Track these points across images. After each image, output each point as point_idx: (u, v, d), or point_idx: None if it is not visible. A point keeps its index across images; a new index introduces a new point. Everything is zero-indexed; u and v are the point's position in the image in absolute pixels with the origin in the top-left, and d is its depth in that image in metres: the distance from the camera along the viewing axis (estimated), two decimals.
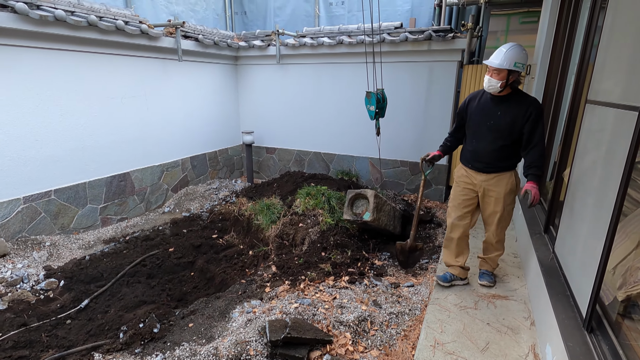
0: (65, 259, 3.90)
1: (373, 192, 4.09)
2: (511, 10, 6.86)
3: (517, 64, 2.57)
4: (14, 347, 2.73)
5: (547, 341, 2.26)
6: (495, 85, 2.64)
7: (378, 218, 4.01)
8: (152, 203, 5.38)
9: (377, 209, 4.02)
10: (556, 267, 2.64)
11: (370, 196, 4.05)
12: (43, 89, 3.87)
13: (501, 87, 2.64)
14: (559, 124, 3.81)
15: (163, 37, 4.96)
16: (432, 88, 5.34)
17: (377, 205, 4.03)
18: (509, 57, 2.57)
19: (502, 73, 2.61)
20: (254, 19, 7.73)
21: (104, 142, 4.56)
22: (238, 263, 4.09)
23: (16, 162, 3.73)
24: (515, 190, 2.88)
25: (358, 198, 4.23)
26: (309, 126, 6.40)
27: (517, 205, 4.19)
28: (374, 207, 3.97)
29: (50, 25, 3.67)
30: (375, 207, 3.99)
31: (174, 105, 5.51)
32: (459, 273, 3.10)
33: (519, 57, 2.59)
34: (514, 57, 2.57)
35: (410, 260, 3.54)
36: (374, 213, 3.96)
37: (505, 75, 2.60)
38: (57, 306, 3.31)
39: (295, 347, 2.34)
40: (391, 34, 5.29)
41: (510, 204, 2.89)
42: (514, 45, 2.62)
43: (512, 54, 2.58)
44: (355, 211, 4.16)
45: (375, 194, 4.08)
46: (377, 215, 3.99)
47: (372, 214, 3.94)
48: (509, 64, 2.56)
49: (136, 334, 2.72)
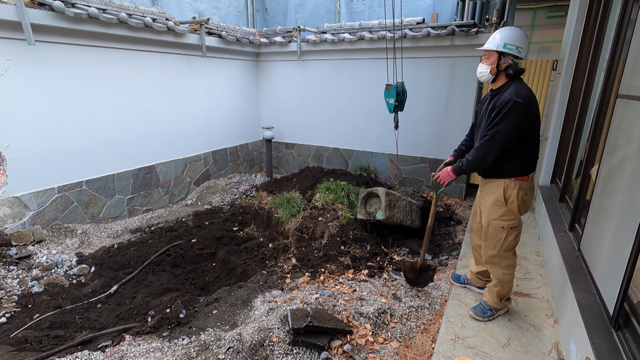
0: (95, 247, 4.08)
1: (385, 190, 4.04)
2: (537, 4, 6.69)
3: (507, 45, 2.27)
4: (50, 327, 2.89)
5: (571, 338, 2.23)
6: (485, 72, 2.37)
7: (392, 215, 3.97)
8: (175, 195, 5.54)
9: (390, 207, 3.97)
10: (582, 265, 2.60)
11: (382, 194, 4.00)
12: (75, 84, 4.05)
13: (491, 73, 2.34)
14: (587, 121, 3.72)
15: (188, 34, 5.08)
16: (453, 84, 5.28)
17: (390, 202, 3.99)
18: (498, 37, 2.30)
19: (491, 57, 2.33)
20: (275, 15, 7.81)
21: (132, 135, 4.73)
22: (258, 255, 4.17)
23: (51, 153, 3.92)
24: (504, 203, 2.42)
25: (371, 196, 4.21)
26: (329, 122, 6.44)
27: (541, 209, 4.11)
28: (386, 205, 3.94)
29: (84, 23, 3.83)
30: (387, 205, 3.95)
31: (197, 101, 5.64)
32: (472, 279, 2.99)
33: (511, 38, 2.27)
34: (504, 38, 2.28)
35: (421, 279, 3.09)
36: (387, 211, 3.92)
37: (496, 60, 2.31)
38: (88, 291, 3.48)
39: (316, 336, 2.40)
40: (413, 29, 5.25)
41: (496, 219, 2.45)
42: (509, 27, 2.36)
43: (503, 34, 2.29)
44: (369, 210, 4.15)
45: (387, 192, 4.03)
46: (390, 213, 3.94)
47: (384, 213, 3.91)
48: (498, 45, 2.29)
49: (163, 318, 2.84)
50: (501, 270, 2.53)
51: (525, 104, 2.22)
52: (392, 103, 4.52)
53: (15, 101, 3.56)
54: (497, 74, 2.36)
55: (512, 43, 2.28)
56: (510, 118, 2.23)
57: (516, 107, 2.21)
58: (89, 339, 2.67)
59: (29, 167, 3.74)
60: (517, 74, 2.35)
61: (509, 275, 2.53)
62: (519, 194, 2.40)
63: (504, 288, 2.57)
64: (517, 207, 2.42)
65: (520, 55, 2.29)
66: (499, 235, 2.46)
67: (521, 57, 2.30)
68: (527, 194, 2.44)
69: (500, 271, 2.53)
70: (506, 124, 2.24)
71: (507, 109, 2.23)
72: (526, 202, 2.47)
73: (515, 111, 2.22)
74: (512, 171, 2.39)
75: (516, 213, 2.44)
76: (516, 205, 2.42)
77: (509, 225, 2.43)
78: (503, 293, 2.59)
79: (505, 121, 2.25)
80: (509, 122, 2.24)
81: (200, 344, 2.43)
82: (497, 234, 2.47)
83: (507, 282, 2.54)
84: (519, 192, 2.40)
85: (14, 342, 2.66)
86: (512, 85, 2.31)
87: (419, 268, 3.04)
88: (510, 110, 2.22)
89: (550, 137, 4.65)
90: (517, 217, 2.44)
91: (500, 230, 2.45)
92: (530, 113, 2.25)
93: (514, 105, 2.21)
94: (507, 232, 2.44)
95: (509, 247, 2.48)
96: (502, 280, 2.54)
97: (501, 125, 2.26)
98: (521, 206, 2.45)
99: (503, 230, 2.44)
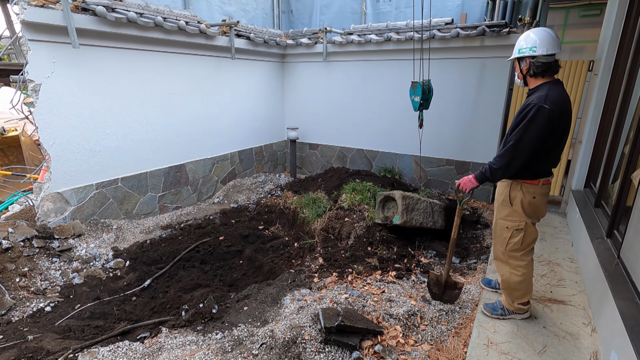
0: (129, 242, 4.25)
1: (401, 194, 3.97)
2: (571, 3, 6.48)
3: (521, 50, 2.31)
4: (90, 317, 3.04)
5: (612, 348, 2.17)
6: (518, 81, 2.48)
7: (410, 219, 3.90)
8: (203, 194, 5.68)
9: (408, 210, 3.91)
10: (622, 272, 2.52)
11: (399, 198, 3.94)
12: (113, 85, 4.22)
13: (519, 78, 2.44)
14: (625, 123, 3.59)
15: (218, 36, 5.21)
16: (482, 85, 5.19)
17: (408, 206, 3.92)
18: (515, 48, 2.39)
19: (516, 66, 2.43)
20: (300, 17, 7.88)
21: (164, 135, 4.90)
22: (284, 254, 4.23)
23: (91, 152, 4.11)
24: (509, 204, 2.42)
25: (388, 200, 4.17)
26: (353, 123, 6.45)
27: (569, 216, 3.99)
28: (403, 210, 3.88)
29: (123, 27, 3.99)
30: (404, 209, 3.89)
31: (225, 101, 5.77)
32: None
33: (523, 41, 2.31)
34: (517, 45, 2.36)
35: (446, 296, 2.92)
36: (404, 215, 3.86)
37: (518, 67, 2.39)
38: (123, 284, 3.62)
39: (348, 335, 2.42)
40: (441, 30, 5.20)
41: (502, 218, 2.48)
42: (523, 33, 2.38)
43: (516, 43, 2.37)
44: (386, 214, 4.12)
45: (404, 195, 3.96)
46: (407, 217, 3.88)
47: (401, 217, 3.86)
48: (514, 54, 2.39)
49: (197, 313, 2.93)
50: (509, 270, 2.51)
51: (552, 109, 2.13)
52: (418, 101, 4.42)
53: (59, 102, 3.75)
54: (524, 78, 2.40)
55: (525, 46, 2.30)
56: (534, 125, 2.15)
57: (540, 112, 2.13)
58: (128, 330, 2.79)
59: (70, 164, 3.94)
60: (544, 71, 2.28)
61: (518, 277, 2.48)
62: (526, 196, 2.36)
63: (511, 288, 2.54)
64: (522, 209, 2.39)
65: (536, 53, 2.24)
66: (504, 234, 2.48)
67: (539, 54, 2.24)
68: (536, 198, 2.37)
69: (507, 270, 2.52)
70: (529, 130, 2.17)
71: (532, 115, 2.15)
72: (536, 206, 2.40)
73: (539, 117, 2.14)
74: (518, 174, 2.35)
75: (521, 215, 2.39)
76: (520, 207, 2.38)
77: (514, 226, 2.42)
78: (514, 295, 2.56)
79: (529, 128, 2.17)
80: (533, 129, 2.16)
81: (234, 338, 2.49)
82: (502, 233, 2.49)
83: (516, 283, 2.50)
84: (525, 194, 2.36)
85: (58, 330, 2.81)
86: (544, 88, 2.25)
87: (445, 284, 2.89)
88: (534, 116, 2.15)
89: (584, 140, 4.50)
90: (522, 220, 2.40)
91: (505, 230, 2.47)
92: (552, 113, 2.14)
93: (538, 110, 2.14)
94: (511, 233, 2.43)
95: (514, 248, 2.46)
96: (508, 280, 2.52)
97: (524, 131, 2.18)
98: (528, 209, 2.39)
99: (508, 230, 2.45)
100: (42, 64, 3.53)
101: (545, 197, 2.43)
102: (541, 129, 2.16)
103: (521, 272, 2.47)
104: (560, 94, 2.23)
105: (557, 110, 2.16)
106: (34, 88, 3.52)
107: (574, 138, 4.82)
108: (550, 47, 2.22)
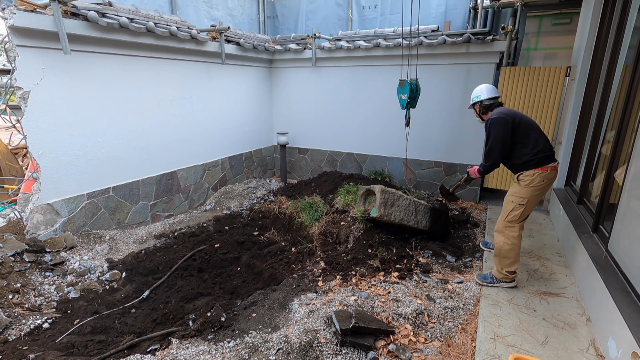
0: (123, 253, 4.13)
1: (381, 188, 4.04)
2: (544, 12, 6.86)
3: (472, 100, 3.38)
4: (92, 332, 2.94)
5: (608, 335, 2.33)
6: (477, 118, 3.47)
7: (389, 213, 3.96)
8: (195, 201, 5.60)
9: (386, 205, 3.97)
10: (611, 264, 2.71)
11: (378, 192, 4.02)
12: (104, 92, 4.11)
13: (476, 117, 3.46)
14: (603, 125, 3.85)
15: (209, 42, 5.17)
16: (468, 89, 5.41)
17: (386, 201, 3.98)
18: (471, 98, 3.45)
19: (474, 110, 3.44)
20: (285, 22, 7.93)
21: (156, 142, 4.80)
22: (283, 259, 4.24)
23: (81, 160, 3.98)
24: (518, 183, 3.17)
25: (370, 194, 4.24)
26: (343, 127, 6.54)
27: (557, 206, 4.23)
28: (380, 203, 3.94)
29: (115, 32, 3.90)
30: (382, 202, 3.95)
31: (215, 107, 5.72)
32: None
33: (473, 95, 3.40)
34: (471, 97, 3.43)
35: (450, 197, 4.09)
36: (381, 209, 3.93)
37: (474, 111, 3.45)
38: (121, 296, 3.52)
39: (362, 336, 2.47)
40: (428, 36, 5.38)
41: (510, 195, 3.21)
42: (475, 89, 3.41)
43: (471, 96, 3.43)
44: (367, 207, 4.19)
45: (383, 190, 4.03)
46: (385, 211, 3.95)
47: (378, 210, 3.92)
48: (469, 105, 3.49)
49: (206, 322, 2.89)
50: (503, 239, 3.13)
51: (499, 117, 3.04)
52: (405, 99, 4.49)
53: (48, 109, 3.62)
54: (479, 115, 3.40)
55: (473, 97, 3.37)
56: (494, 131, 3.06)
57: (493, 122, 3.06)
58: (135, 343, 2.72)
59: (60, 174, 3.80)
60: (489, 108, 3.25)
61: (509, 245, 3.08)
62: (536, 179, 3.01)
63: (502, 256, 3.12)
64: (527, 189, 3.03)
65: (480, 99, 3.29)
66: (508, 207, 3.15)
67: (483, 98, 3.28)
68: (544, 182, 3.02)
69: (502, 239, 3.13)
70: (493, 137, 3.07)
71: (489, 126, 3.10)
72: (542, 190, 3.04)
73: (493, 125, 3.05)
74: (521, 165, 3.08)
75: (525, 193, 3.04)
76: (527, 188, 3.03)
77: (518, 201, 3.08)
78: (504, 262, 3.14)
79: (491, 136, 3.08)
80: (494, 134, 3.05)
81: (248, 345, 2.49)
82: (507, 206, 3.16)
83: (506, 251, 3.09)
84: (535, 177, 3.01)
85: (60, 347, 2.71)
86: (493, 112, 3.19)
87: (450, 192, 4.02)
88: (491, 127, 3.08)
89: (564, 141, 4.78)
90: (525, 198, 3.04)
91: (509, 204, 3.14)
92: (507, 121, 3.01)
93: (491, 122, 3.08)
94: (514, 207, 3.10)
95: (512, 219, 3.11)
96: (501, 248, 3.12)
97: (490, 139, 3.10)
98: (532, 189, 3.02)
99: (512, 204, 3.12)
100: (31, 71, 3.40)
101: (551, 183, 3.09)
102: (503, 130, 3.02)
103: (512, 241, 3.08)
104: (503, 110, 3.15)
105: (507, 114, 3.06)
106: (23, 95, 3.38)
107: (554, 139, 5.11)
108: (489, 94, 3.28)
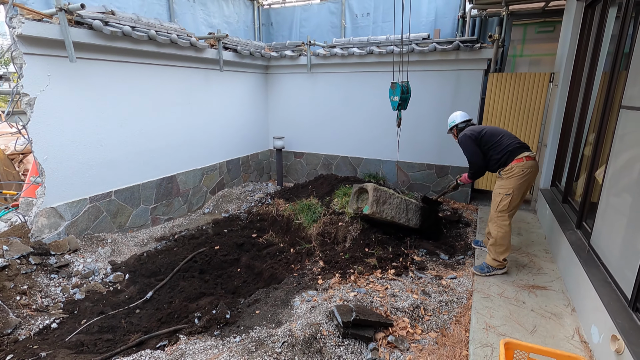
0: (126, 255, 4.21)
1: (374, 186, 4.16)
2: (528, 20, 7.17)
3: (449, 124, 3.97)
4: (99, 331, 3.02)
5: (591, 323, 2.51)
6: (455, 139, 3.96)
7: (381, 211, 4.09)
8: (193, 204, 5.69)
9: (379, 203, 4.09)
10: (594, 258, 2.90)
11: (370, 190, 4.14)
12: (107, 98, 4.21)
13: (454, 138, 3.96)
14: (585, 128, 4.08)
15: (208, 49, 5.30)
16: (458, 95, 5.64)
17: (378, 198, 4.10)
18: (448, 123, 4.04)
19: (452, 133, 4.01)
20: (280, 29, 8.10)
21: (156, 146, 4.90)
22: (282, 259, 4.36)
23: (85, 165, 4.06)
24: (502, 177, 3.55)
25: (362, 192, 4.37)
26: (337, 131, 6.71)
27: (543, 206, 4.45)
28: (373, 201, 4.06)
29: (118, 40, 4.01)
30: (375, 200, 4.07)
31: (213, 112, 5.84)
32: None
33: (449, 120, 3.99)
34: (448, 122, 4.01)
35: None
36: (373, 206, 4.05)
37: (452, 133, 3.99)
38: (125, 297, 3.61)
39: (363, 329, 2.61)
40: (419, 44, 5.60)
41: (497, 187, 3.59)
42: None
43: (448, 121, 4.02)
44: (360, 205, 4.33)
45: (376, 188, 4.15)
46: (377, 209, 4.07)
47: (370, 207, 4.05)
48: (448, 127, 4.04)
49: (211, 319, 3.00)
50: (496, 228, 3.44)
51: (465, 134, 3.65)
52: (396, 101, 4.66)
53: (54, 115, 3.70)
54: (456, 137, 3.89)
55: (450, 121, 3.96)
56: (466, 147, 3.62)
57: (462, 140, 3.66)
58: (143, 340, 2.82)
59: (64, 178, 3.87)
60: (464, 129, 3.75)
61: (502, 233, 3.40)
62: (515, 170, 3.38)
63: (497, 244, 3.42)
64: (511, 180, 3.39)
65: (455, 123, 3.88)
66: (496, 198, 3.50)
67: (458, 122, 3.87)
68: (524, 172, 3.35)
69: (495, 228, 3.45)
70: (466, 151, 3.64)
71: (461, 144, 3.68)
72: (522, 177, 3.36)
73: (464, 142, 3.63)
74: (498, 164, 3.52)
75: (509, 184, 3.40)
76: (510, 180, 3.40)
77: (504, 192, 3.44)
78: (498, 250, 3.42)
79: (466, 151, 3.64)
80: (466, 149, 3.63)
81: (254, 340, 2.61)
82: (496, 198, 3.52)
83: (500, 238, 3.40)
84: (515, 169, 3.38)
85: (70, 345, 2.79)
86: (461, 133, 3.77)
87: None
88: (462, 144, 3.65)
89: (549, 144, 5.02)
90: (511, 187, 3.39)
91: (497, 195, 3.50)
92: (471, 136, 3.59)
93: (460, 140, 3.69)
94: (502, 197, 3.45)
95: (502, 208, 3.45)
96: (495, 236, 3.43)
97: (467, 154, 3.66)
98: (515, 179, 3.37)
99: (499, 195, 3.47)
100: (37, 78, 3.49)
101: (534, 172, 3.42)
102: (471, 144, 3.59)
103: (504, 229, 3.41)
104: (473, 126, 3.77)
105: (473, 130, 3.65)
106: (29, 102, 3.46)
107: (539, 142, 5.34)
108: (462, 118, 3.87)
